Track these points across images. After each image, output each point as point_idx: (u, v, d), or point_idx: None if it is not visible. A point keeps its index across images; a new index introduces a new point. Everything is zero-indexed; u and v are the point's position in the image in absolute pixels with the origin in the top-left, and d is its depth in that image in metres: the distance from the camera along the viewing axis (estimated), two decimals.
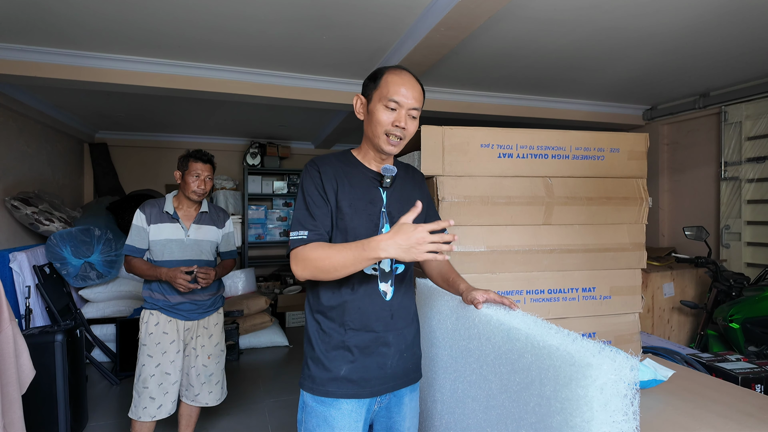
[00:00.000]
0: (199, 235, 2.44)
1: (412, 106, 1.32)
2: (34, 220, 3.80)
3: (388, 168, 1.36)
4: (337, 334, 1.32)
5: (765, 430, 1.26)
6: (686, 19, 2.62)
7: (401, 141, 1.34)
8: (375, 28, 2.71)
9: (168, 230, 2.37)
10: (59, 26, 2.67)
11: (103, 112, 4.76)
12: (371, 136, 1.35)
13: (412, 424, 1.45)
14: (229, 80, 3.46)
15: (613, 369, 0.85)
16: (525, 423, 1.04)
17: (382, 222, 1.35)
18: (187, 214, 2.44)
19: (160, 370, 2.32)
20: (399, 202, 1.40)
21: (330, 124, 5.22)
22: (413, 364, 1.43)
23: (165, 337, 2.35)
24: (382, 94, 1.31)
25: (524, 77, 3.68)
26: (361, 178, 1.38)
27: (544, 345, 0.99)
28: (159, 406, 2.31)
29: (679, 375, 1.72)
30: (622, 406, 0.85)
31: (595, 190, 2.15)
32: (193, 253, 2.41)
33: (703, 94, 4.17)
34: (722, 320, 3.03)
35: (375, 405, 1.37)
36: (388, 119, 1.31)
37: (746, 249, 3.94)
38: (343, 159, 1.41)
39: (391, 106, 1.30)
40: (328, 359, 1.31)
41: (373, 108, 1.33)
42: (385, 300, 1.35)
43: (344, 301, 1.32)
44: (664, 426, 1.31)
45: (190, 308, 2.41)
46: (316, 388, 1.31)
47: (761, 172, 3.79)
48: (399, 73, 1.34)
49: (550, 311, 2.09)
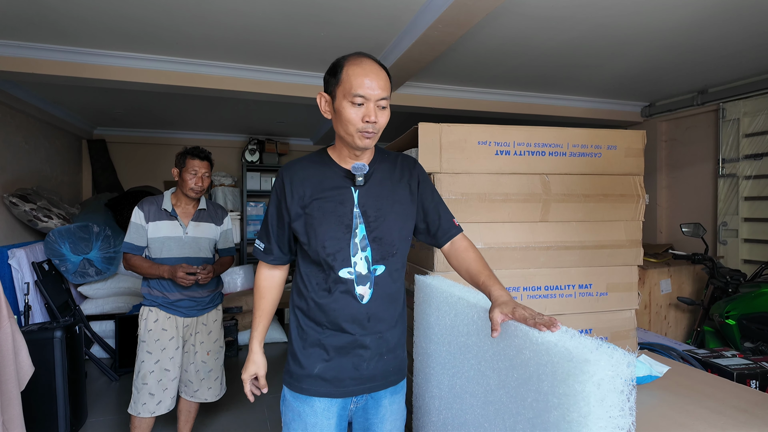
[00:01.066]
0: (198, 232, 2.44)
1: (380, 97, 1.23)
2: (33, 217, 3.80)
3: (357, 166, 1.29)
4: (314, 332, 1.31)
5: (757, 426, 1.27)
6: (684, 15, 2.62)
7: (374, 134, 1.26)
8: (373, 25, 2.71)
9: (166, 228, 2.37)
10: (57, 23, 2.67)
11: (102, 109, 4.75)
12: (343, 134, 1.27)
13: (393, 427, 1.41)
14: (228, 77, 3.46)
15: (610, 365, 0.85)
16: (522, 418, 1.05)
17: (355, 223, 1.29)
18: (186, 211, 2.44)
19: (159, 366, 2.33)
20: (376, 199, 1.33)
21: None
22: (395, 367, 1.39)
23: (164, 333, 2.36)
24: (345, 89, 1.22)
25: (522, 74, 3.68)
26: (333, 179, 1.32)
27: (542, 341, 0.99)
28: (158, 402, 2.32)
29: (674, 371, 1.73)
30: (619, 401, 0.86)
31: (592, 187, 2.16)
32: (191, 250, 2.41)
33: (701, 90, 4.18)
34: (718, 317, 3.05)
35: (351, 405, 1.35)
36: (356, 116, 1.22)
37: (743, 246, 3.95)
38: (317, 160, 1.36)
39: (358, 101, 1.21)
40: (304, 356, 1.31)
41: (338, 106, 1.24)
42: (362, 303, 1.30)
43: (320, 303, 1.30)
44: (658, 421, 1.32)
45: (189, 305, 2.41)
46: (293, 383, 1.32)
47: (759, 169, 3.80)
48: (359, 62, 1.24)
49: (547, 308, 2.10)
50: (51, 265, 3.87)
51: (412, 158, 1.47)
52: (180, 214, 2.42)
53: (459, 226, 1.47)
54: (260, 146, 6.17)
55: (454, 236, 1.45)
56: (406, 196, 1.39)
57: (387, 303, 1.34)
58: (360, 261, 1.29)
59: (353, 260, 1.29)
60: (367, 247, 1.30)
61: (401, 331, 1.41)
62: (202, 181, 2.40)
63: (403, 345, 1.43)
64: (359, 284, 1.29)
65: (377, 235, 1.31)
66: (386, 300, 1.34)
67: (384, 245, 1.32)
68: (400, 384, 1.44)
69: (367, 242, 1.30)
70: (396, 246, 1.34)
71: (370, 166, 1.34)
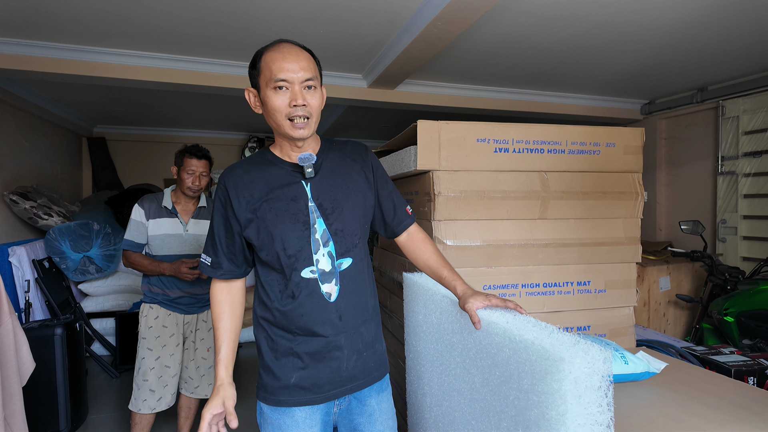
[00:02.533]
0: (198, 229, 2.44)
1: (304, 78, 1.15)
2: (33, 215, 3.81)
3: (303, 157, 1.20)
4: (285, 341, 1.22)
5: (755, 422, 1.28)
6: (684, 13, 2.62)
7: (309, 120, 1.18)
8: (372, 22, 2.71)
9: (167, 225, 2.38)
10: (57, 21, 2.67)
11: (102, 107, 4.76)
12: (275, 126, 1.20)
13: (386, 427, 1.34)
14: (227, 74, 3.46)
15: (586, 362, 0.85)
16: (506, 416, 1.05)
17: (312, 218, 1.22)
18: (186, 208, 2.45)
19: (160, 363, 2.34)
20: (330, 189, 1.25)
21: (329, 118, 5.22)
22: (375, 362, 1.32)
23: (164, 330, 2.37)
24: (266, 77, 1.16)
25: (522, 71, 3.68)
26: (281, 175, 1.24)
27: (521, 339, 0.99)
28: (159, 399, 2.33)
29: (672, 367, 1.74)
30: (597, 398, 0.86)
31: (590, 184, 2.16)
32: (191, 247, 2.42)
33: (700, 88, 4.18)
34: (717, 314, 3.05)
35: (334, 408, 1.29)
36: (283, 102, 1.15)
37: (742, 243, 3.96)
38: (258, 160, 1.28)
39: (280, 85, 1.14)
40: (277, 367, 1.23)
41: (264, 97, 1.17)
42: (330, 302, 1.22)
43: (286, 311, 1.22)
44: (656, 417, 1.32)
45: (189, 302, 2.42)
46: (268, 397, 1.24)
47: (758, 167, 3.80)
48: (276, 48, 1.17)
49: (546, 305, 2.11)
50: (51, 262, 3.88)
51: (363, 145, 1.41)
52: (180, 211, 2.43)
53: (413, 214, 1.44)
54: (260, 144, 6.17)
55: (409, 226, 1.42)
56: (362, 183, 1.32)
57: (357, 297, 1.27)
58: (323, 258, 1.22)
59: (315, 257, 1.21)
60: (329, 242, 1.23)
61: (376, 324, 1.35)
62: (200, 180, 2.41)
63: (380, 338, 1.37)
64: (324, 282, 1.22)
65: (338, 227, 1.24)
66: (355, 294, 1.27)
67: (347, 236, 1.25)
68: (385, 381, 1.37)
69: (329, 236, 1.23)
70: (358, 236, 1.29)
71: (317, 156, 1.28)
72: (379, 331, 1.36)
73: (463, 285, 1.25)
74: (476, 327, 1.14)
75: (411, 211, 1.44)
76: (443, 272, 1.32)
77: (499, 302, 1.18)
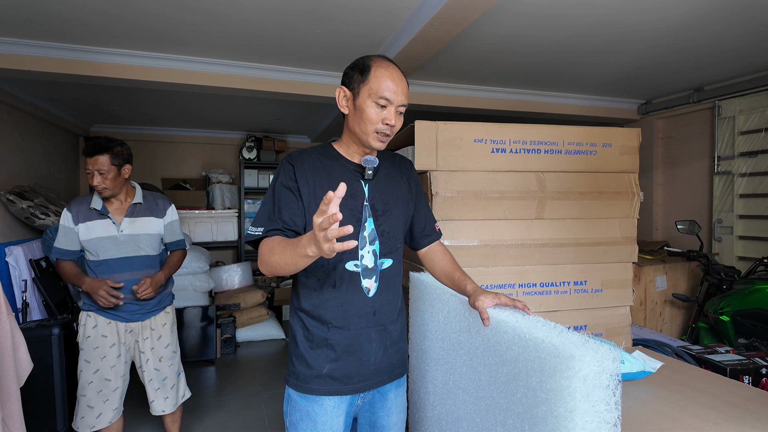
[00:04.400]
0: (135, 229, 2.21)
1: (402, 103, 1.28)
2: (30, 214, 3.80)
3: (368, 159, 1.30)
4: (320, 332, 1.30)
5: (749, 421, 1.29)
6: (681, 13, 2.63)
7: (388, 137, 1.30)
8: (370, 22, 2.71)
9: (99, 228, 2.16)
10: (54, 20, 2.66)
11: (99, 106, 4.75)
12: (359, 132, 1.30)
13: (398, 419, 1.44)
14: (225, 74, 3.46)
15: (595, 360, 0.87)
16: (512, 413, 1.07)
17: (365, 216, 1.31)
18: (118, 207, 2.21)
19: (99, 376, 2.16)
20: (383, 193, 1.36)
21: (326, 118, 5.22)
22: (398, 360, 1.41)
23: (104, 340, 2.17)
24: (371, 89, 1.25)
25: (519, 72, 3.69)
26: (342, 172, 1.33)
27: (531, 337, 1.01)
28: (98, 415, 2.15)
29: (668, 367, 1.75)
30: (605, 396, 0.88)
31: (587, 184, 2.17)
32: (130, 249, 2.21)
33: (697, 88, 4.19)
34: (713, 313, 3.07)
35: (358, 400, 1.37)
36: (378, 116, 1.26)
37: (738, 243, 3.98)
38: (322, 152, 1.36)
39: (382, 103, 1.25)
40: (311, 357, 1.31)
41: (361, 104, 1.27)
42: (368, 296, 1.32)
43: (326, 299, 1.30)
44: (651, 416, 1.33)
45: (131, 309, 2.21)
46: (300, 385, 1.31)
47: (754, 167, 3.82)
48: (387, 66, 1.28)
49: (542, 304, 2.12)
50: (48, 262, 3.87)
51: (408, 160, 1.53)
52: (112, 211, 2.19)
53: (439, 231, 1.54)
54: (258, 143, 6.17)
55: (434, 242, 1.51)
56: (407, 193, 1.44)
57: (391, 296, 1.37)
58: (367, 254, 1.31)
59: (360, 253, 1.30)
60: (375, 241, 1.32)
61: (402, 324, 1.44)
62: (103, 179, 2.11)
63: (404, 338, 1.46)
64: (365, 277, 1.31)
65: (385, 229, 1.34)
66: (391, 293, 1.36)
67: (391, 239, 1.36)
68: (404, 378, 1.47)
69: (376, 236, 1.32)
70: (400, 240, 1.40)
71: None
72: (404, 331, 1.45)
73: (473, 284, 1.33)
74: (485, 324, 1.19)
75: (439, 229, 1.54)
76: (456, 274, 1.40)
77: (508, 301, 1.23)
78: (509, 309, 1.21)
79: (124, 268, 2.20)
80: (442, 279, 1.45)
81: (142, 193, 2.29)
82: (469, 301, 1.28)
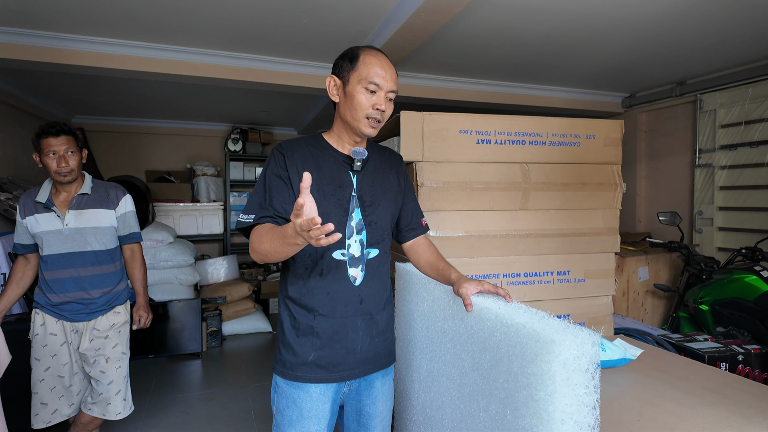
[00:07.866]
0: (81, 222, 2.08)
1: (391, 89, 1.30)
2: (9, 207, 3.72)
3: (357, 151, 1.32)
4: (306, 320, 1.32)
5: (725, 404, 1.32)
6: (664, 7, 2.66)
7: (379, 124, 1.32)
8: (356, 12, 2.69)
9: (44, 221, 2.05)
10: (31, 6, 2.60)
11: (80, 97, 4.65)
12: (350, 119, 1.31)
13: (384, 407, 1.45)
14: (210, 64, 3.41)
15: (575, 345, 0.88)
16: (494, 399, 1.08)
17: (352, 206, 1.33)
18: (65, 199, 2.10)
19: (51, 374, 2.08)
20: (371, 185, 1.38)
21: (313, 110, 5.19)
22: (385, 349, 1.42)
23: (53, 338, 2.08)
24: (361, 75, 1.28)
25: (504, 64, 3.70)
26: (331, 162, 1.35)
27: (512, 323, 1.02)
28: (54, 411, 2.09)
29: (648, 354, 1.78)
30: (584, 380, 0.89)
31: (571, 176, 2.19)
32: (75, 244, 2.07)
33: (680, 82, 4.25)
34: (693, 302, 3.13)
35: (344, 388, 1.38)
36: (368, 102, 1.28)
37: (718, 234, 4.06)
38: (312, 142, 1.38)
39: (371, 88, 1.27)
40: (297, 344, 1.32)
41: (351, 90, 1.29)
42: (354, 285, 1.33)
43: (312, 287, 1.31)
44: (631, 402, 1.36)
45: (76, 308, 2.09)
46: (286, 372, 1.33)
47: (733, 159, 3.90)
48: (376, 54, 1.31)
49: (526, 294, 2.14)
50: None
51: (398, 154, 1.55)
52: (58, 203, 2.08)
53: (426, 226, 1.56)
54: (243, 135, 6.11)
55: (419, 236, 1.53)
56: (395, 186, 1.46)
57: (378, 286, 1.38)
58: (354, 243, 1.33)
59: (348, 242, 1.32)
60: (362, 230, 1.34)
61: (390, 314, 1.45)
62: (67, 160, 2.02)
63: (392, 328, 1.47)
64: (352, 266, 1.33)
65: (372, 220, 1.36)
66: (377, 283, 1.38)
67: (378, 229, 1.37)
68: (391, 367, 1.48)
69: (363, 225, 1.34)
70: (387, 231, 1.41)
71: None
72: (391, 321, 1.46)
73: (457, 273, 1.35)
74: (467, 309, 1.22)
75: (426, 224, 1.56)
76: (440, 264, 1.42)
77: (491, 288, 1.26)
78: (492, 296, 1.22)
79: (66, 264, 2.07)
80: (426, 271, 1.47)
81: (91, 184, 2.15)
82: (453, 289, 1.30)
